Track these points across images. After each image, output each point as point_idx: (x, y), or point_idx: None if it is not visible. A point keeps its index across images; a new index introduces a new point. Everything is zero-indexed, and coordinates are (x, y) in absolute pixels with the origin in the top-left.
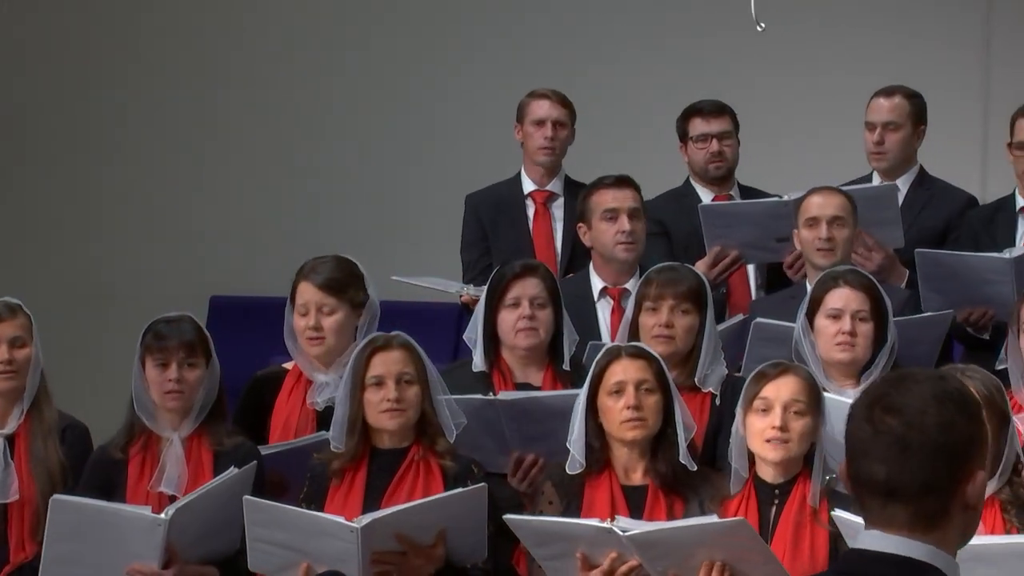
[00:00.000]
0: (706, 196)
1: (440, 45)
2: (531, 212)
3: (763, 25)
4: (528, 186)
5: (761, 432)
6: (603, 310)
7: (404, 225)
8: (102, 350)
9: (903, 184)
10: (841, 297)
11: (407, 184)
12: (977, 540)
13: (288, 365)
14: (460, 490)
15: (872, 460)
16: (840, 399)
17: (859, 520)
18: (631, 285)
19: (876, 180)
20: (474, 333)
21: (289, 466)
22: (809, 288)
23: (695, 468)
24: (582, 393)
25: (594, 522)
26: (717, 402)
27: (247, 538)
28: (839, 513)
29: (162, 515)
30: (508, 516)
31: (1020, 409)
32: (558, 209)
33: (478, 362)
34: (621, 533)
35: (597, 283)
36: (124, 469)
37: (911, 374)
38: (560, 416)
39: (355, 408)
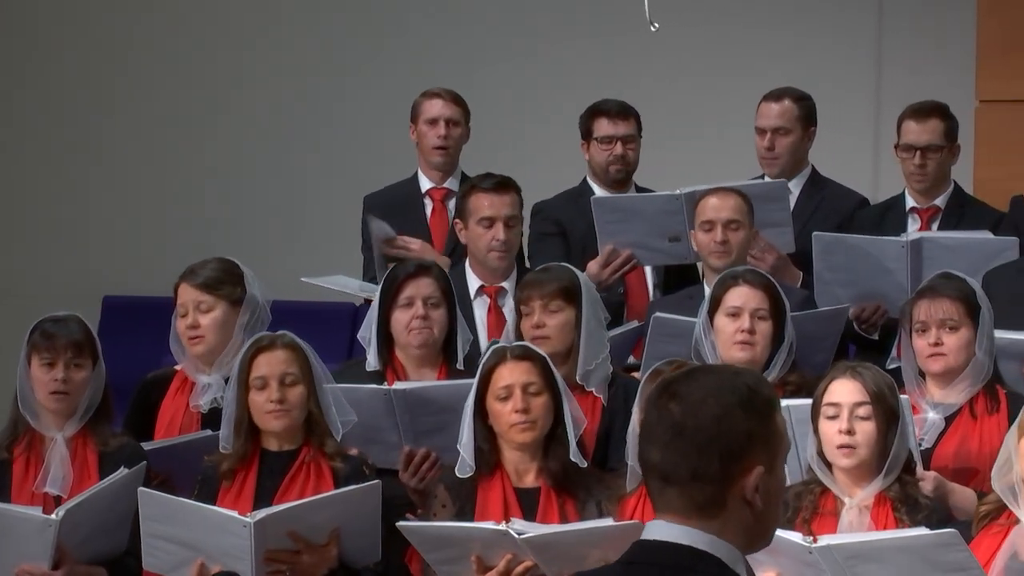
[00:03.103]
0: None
1: (336, 45)
2: (429, 210)
3: (657, 25)
4: (425, 184)
5: None
6: (479, 308)
7: (303, 225)
8: None
9: (795, 187)
10: (740, 295)
11: (305, 184)
12: (860, 537)
13: (178, 367)
14: (354, 486)
15: (651, 444)
16: None
17: None
18: (507, 284)
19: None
20: (368, 332)
21: (174, 464)
22: (707, 288)
23: (585, 465)
24: (470, 396)
25: (489, 525)
26: (605, 403)
27: (142, 533)
28: None
29: (53, 516)
30: (401, 524)
31: (916, 410)
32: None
33: (372, 361)
34: (516, 536)
35: (474, 281)
36: (9, 469)
37: (707, 366)
38: (453, 409)
39: (241, 409)
